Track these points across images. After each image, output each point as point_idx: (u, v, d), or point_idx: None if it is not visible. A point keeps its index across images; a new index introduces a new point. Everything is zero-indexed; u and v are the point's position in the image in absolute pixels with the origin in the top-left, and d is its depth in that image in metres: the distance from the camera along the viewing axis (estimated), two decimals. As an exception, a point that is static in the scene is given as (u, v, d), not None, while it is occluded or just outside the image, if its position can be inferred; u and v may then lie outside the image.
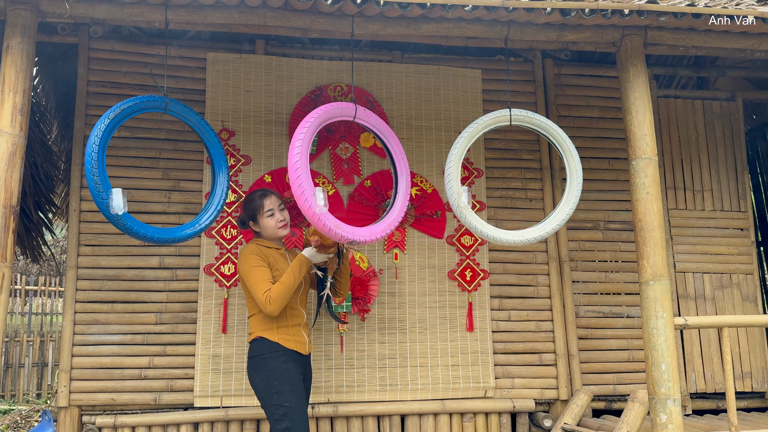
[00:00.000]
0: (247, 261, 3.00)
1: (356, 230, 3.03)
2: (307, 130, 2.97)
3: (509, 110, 3.35)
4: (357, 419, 3.98)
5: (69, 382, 3.80)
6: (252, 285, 2.94)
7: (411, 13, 3.04)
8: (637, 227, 3.20)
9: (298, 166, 2.81)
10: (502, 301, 4.28)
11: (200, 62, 4.19)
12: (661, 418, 3.01)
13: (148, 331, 3.92)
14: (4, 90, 2.87)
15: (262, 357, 2.95)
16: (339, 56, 4.36)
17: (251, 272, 2.96)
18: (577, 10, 3.05)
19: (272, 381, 2.90)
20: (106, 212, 2.94)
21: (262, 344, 2.99)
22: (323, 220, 2.85)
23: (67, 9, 2.94)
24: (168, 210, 4.03)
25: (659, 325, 3.07)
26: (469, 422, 4.09)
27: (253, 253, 3.04)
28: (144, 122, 4.05)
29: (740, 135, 4.86)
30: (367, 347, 4.07)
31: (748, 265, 4.66)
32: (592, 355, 4.33)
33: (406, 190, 3.31)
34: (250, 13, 3.06)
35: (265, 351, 2.97)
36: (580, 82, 4.65)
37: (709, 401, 4.46)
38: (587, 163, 4.47)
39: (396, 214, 3.25)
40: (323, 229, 2.88)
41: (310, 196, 2.81)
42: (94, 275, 3.92)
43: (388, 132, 3.35)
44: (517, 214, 4.39)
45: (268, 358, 2.94)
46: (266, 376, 2.92)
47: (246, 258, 3.02)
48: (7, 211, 2.80)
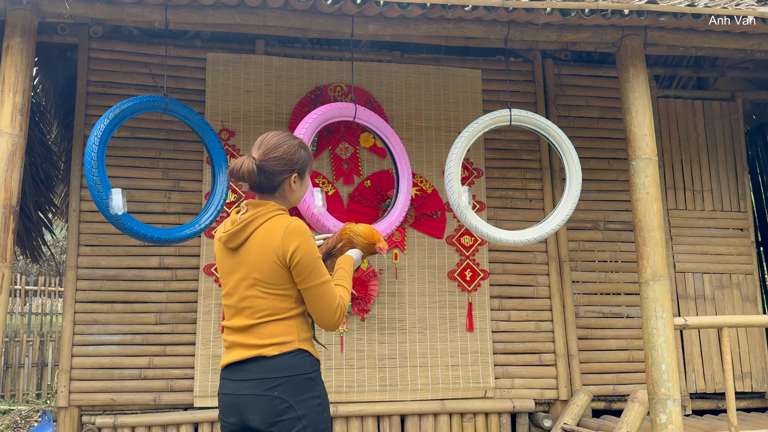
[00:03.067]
0: (314, 247, 2.02)
1: None
2: (305, 132, 3.00)
3: (509, 110, 3.35)
4: (357, 419, 3.98)
5: (69, 382, 3.80)
6: (322, 286, 2.02)
7: (411, 13, 3.04)
8: (637, 227, 3.20)
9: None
10: (501, 301, 4.28)
11: (200, 62, 4.19)
12: (660, 418, 3.00)
13: (147, 331, 3.92)
14: (4, 90, 2.88)
15: (309, 378, 2.02)
16: (339, 56, 4.36)
17: (320, 266, 2.02)
18: (577, 11, 3.05)
19: (323, 411, 2.03)
20: (105, 212, 2.94)
21: (306, 360, 2.03)
22: (322, 220, 2.89)
23: (67, 9, 2.94)
24: (168, 210, 4.03)
25: (659, 326, 3.07)
26: (469, 422, 4.09)
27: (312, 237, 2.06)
28: (144, 122, 4.05)
29: (740, 135, 4.86)
30: (366, 347, 4.07)
31: (748, 265, 4.66)
32: (592, 356, 4.33)
33: (408, 191, 3.31)
34: (250, 13, 3.06)
35: (310, 369, 2.03)
36: (580, 82, 4.65)
37: (709, 401, 4.46)
38: (587, 163, 4.47)
39: (397, 215, 3.26)
40: (322, 229, 2.90)
41: (309, 197, 2.85)
42: (94, 275, 3.92)
43: (389, 132, 3.35)
44: (517, 214, 4.39)
45: (316, 378, 2.04)
46: (317, 404, 2.02)
47: (312, 241, 2.02)
48: (7, 211, 2.80)
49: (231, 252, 2.08)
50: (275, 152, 2.01)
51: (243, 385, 1.99)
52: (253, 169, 1.97)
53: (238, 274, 2.06)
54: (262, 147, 2.02)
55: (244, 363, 2.02)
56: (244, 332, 2.05)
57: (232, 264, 2.08)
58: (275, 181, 2.03)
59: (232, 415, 2.01)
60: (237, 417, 2.00)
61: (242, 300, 2.06)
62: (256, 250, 2.02)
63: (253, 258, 2.02)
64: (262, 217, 2.02)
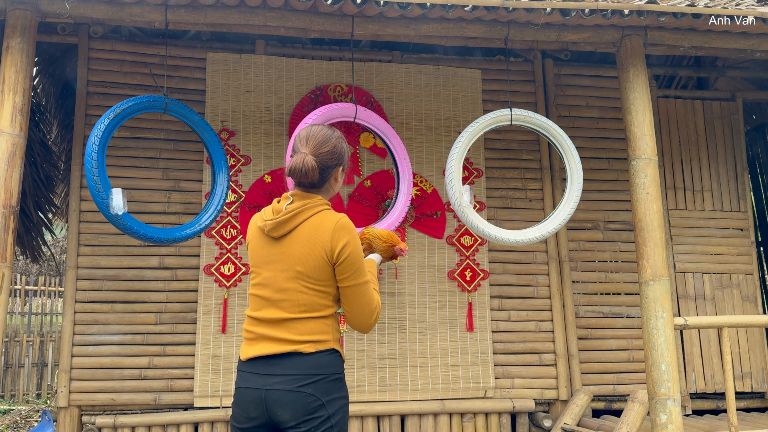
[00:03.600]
0: (360, 247, 2.01)
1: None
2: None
3: (509, 110, 3.35)
4: (357, 419, 3.98)
5: (69, 382, 3.80)
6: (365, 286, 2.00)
7: (411, 13, 3.04)
8: (637, 227, 3.20)
9: None
10: (501, 301, 4.28)
11: (200, 62, 4.19)
12: (660, 418, 3.00)
13: (148, 331, 3.92)
14: (4, 90, 2.88)
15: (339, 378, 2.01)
16: (339, 56, 4.36)
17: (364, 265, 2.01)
18: (577, 11, 3.05)
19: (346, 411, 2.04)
20: (106, 212, 2.94)
21: (338, 359, 2.01)
22: None
23: (67, 9, 2.94)
24: (168, 210, 4.03)
25: (659, 325, 3.07)
26: (469, 422, 4.09)
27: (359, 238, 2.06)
28: (144, 122, 4.05)
29: (740, 135, 4.86)
30: (367, 347, 4.07)
31: (748, 265, 4.66)
32: (592, 356, 4.33)
33: (408, 191, 3.32)
34: (250, 13, 3.06)
35: (341, 369, 2.03)
36: (580, 82, 4.65)
37: (709, 401, 4.46)
38: (587, 163, 4.47)
39: (396, 215, 3.26)
40: None
41: None
42: (94, 275, 3.92)
43: (390, 132, 3.36)
44: (517, 214, 4.39)
45: (343, 379, 2.04)
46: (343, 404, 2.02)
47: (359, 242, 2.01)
48: (7, 211, 2.80)
49: (272, 241, 2.00)
50: (326, 146, 1.97)
51: (274, 380, 1.93)
52: (315, 166, 1.92)
53: (279, 265, 1.98)
54: (311, 141, 1.96)
55: (276, 357, 1.95)
56: (276, 325, 1.97)
57: (272, 254, 2.00)
58: (327, 174, 1.99)
59: (256, 409, 1.93)
60: (261, 411, 1.93)
61: (279, 292, 1.98)
62: (302, 242, 1.96)
63: (298, 250, 1.96)
64: (311, 210, 1.97)
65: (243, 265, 4.00)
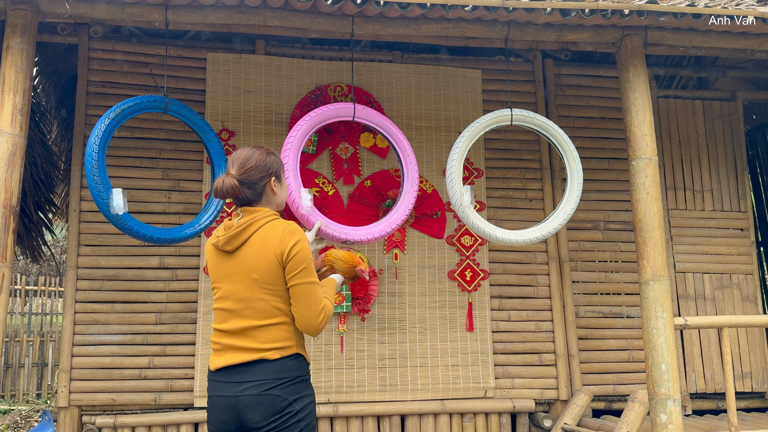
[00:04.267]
0: (309, 250, 2.12)
1: (350, 230, 3.08)
2: (298, 134, 3.08)
3: (510, 110, 3.35)
4: (357, 419, 3.98)
5: (69, 382, 3.80)
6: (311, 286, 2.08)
7: (411, 13, 3.04)
8: (637, 227, 3.20)
9: (287, 170, 2.97)
10: (502, 301, 4.28)
11: (200, 62, 4.19)
12: (661, 418, 3.00)
13: (148, 331, 3.92)
14: (4, 90, 2.88)
15: (304, 379, 2.14)
16: (339, 56, 4.36)
17: (312, 267, 2.10)
18: (577, 11, 3.05)
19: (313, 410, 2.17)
20: (106, 212, 2.94)
21: (303, 363, 2.14)
22: (312, 219, 2.96)
23: (67, 9, 2.94)
24: (168, 210, 4.03)
25: (659, 326, 3.07)
26: (469, 422, 4.09)
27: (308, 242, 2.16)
28: (144, 122, 4.05)
29: (740, 135, 4.86)
30: (367, 347, 4.07)
31: (748, 265, 4.66)
32: (592, 356, 4.33)
33: (413, 186, 3.27)
34: (250, 13, 3.06)
35: (305, 372, 2.16)
36: (580, 82, 4.65)
37: (709, 401, 4.46)
38: (587, 163, 4.47)
39: (398, 214, 3.24)
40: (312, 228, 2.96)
41: (297, 198, 2.92)
42: (94, 275, 3.92)
43: (392, 128, 3.33)
44: (517, 214, 4.39)
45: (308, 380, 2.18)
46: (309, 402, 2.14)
47: (307, 243, 2.11)
48: (7, 211, 2.80)
49: (226, 256, 2.13)
50: (248, 164, 2.10)
51: (242, 386, 2.04)
52: (235, 183, 2.06)
53: (236, 276, 2.10)
54: (236, 163, 2.10)
55: (243, 366, 2.06)
56: (240, 335, 2.08)
57: (229, 267, 2.12)
58: (258, 188, 2.11)
59: (228, 416, 2.05)
60: (234, 417, 2.04)
61: (239, 302, 2.09)
62: (255, 251, 2.07)
63: (252, 259, 2.07)
64: (260, 221, 2.09)
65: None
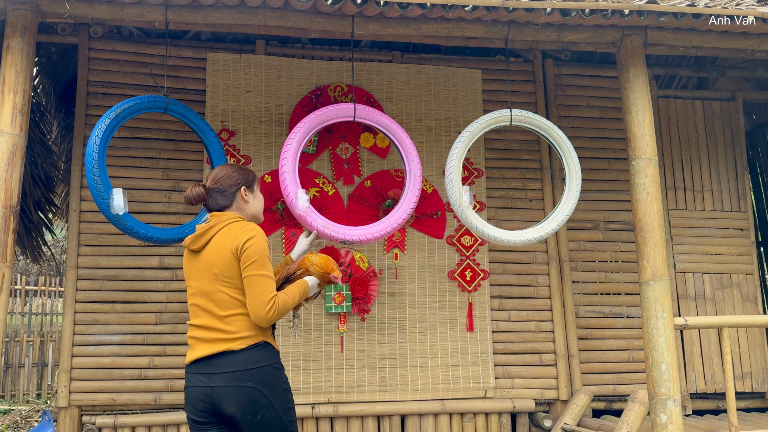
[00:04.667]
0: (264, 245, 2.30)
1: (348, 230, 3.08)
2: (297, 136, 3.10)
3: (509, 110, 3.35)
4: (357, 419, 3.98)
5: (69, 382, 3.80)
6: (261, 278, 2.25)
7: (411, 13, 3.04)
8: (637, 227, 3.20)
9: (285, 170, 3.00)
10: (502, 302, 4.28)
11: (200, 62, 4.19)
12: (661, 418, 3.01)
13: (148, 331, 3.92)
14: (4, 90, 2.87)
15: (274, 367, 2.32)
16: (339, 56, 4.36)
17: (265, 262, 2.28)
18: (577, 11, 3.05)
19: (288, 396, 2.34)
20: (106, 212, 2.94)
21: (270, 351, 2.32)
22: (309, 220, 2.96)
23: (67, 9, 2.94)
24: (168, 210, 4.03)
25: (659, 326, 3.07)
26: (469, 422, 4.09)
27: (266, 241, 2.36)
28: (144, 122, 4.05)
29: (740, 135, 4.86)
30: (367, 347, 4.07)
31: (748, 265, 4.66)
32: (592, 356, 4.33)
33: (415, 187, 3.25)
34: (250, 13, 3.06)
35: (275, 360, 2.33)
36: (580, 82, 4.65)
37: (709, 401, 4.46)
38: (587, 164, 4.47)
39: (399, 213, 3.22)
40: (310, 228, 2.96)
41: (294, 199, 2.93)
42: (94, 275, 3.92)
43: (393, 126, 3.30)
44: (517, 214, 4.39)
45: (279, 368, 2.35)
46: (283, 389, 2.32)
47: (263, 240, 2.31)
48: (7, 211, 2.80)
49: (195, 255, 2.36)
50: (220, 174, 2.40)
51: (215, 378, 2.22)
52: (201, 192, 2.36)
53: (201, 273, 2.32)
54: (210, 177, 2.41)
55: (212, 358, 2.24)
56: (208, 329, 2.28)
57: (196, 265, 2.35)
58: (227, 194, 2.39)
59: (202, 403, 2.23)
60: (208, 404, 2.23)
61: (204, 296, 2.30)
62: (216, 248, 2.30)
63: (213, 255, 2.30)
64: (222, 222, 2.33)
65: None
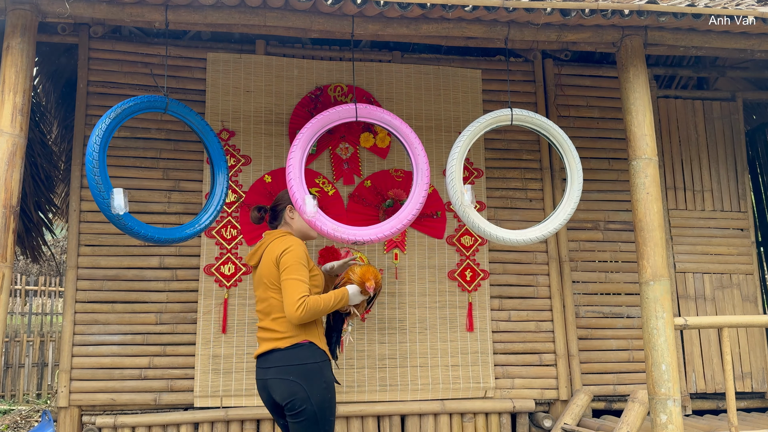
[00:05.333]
0: (299, 254, 2.68)
1: (358, 230, 3.04)
2: (300, 142, 3.10)
3: (510, 110, 3.35)
4: (357, 419, 3.98)
5: (69, 382, 3.80)
6: (292, 281, 2.61)
7: (411, 14, 3.04)
8: (637, 227, 3.20)
9: (292, 177, 3.02)
10: (502, 302, 4.28)
11: (200, 62, 4.19)
12: (661, 418, 3.01)
13: (148, 331, 3.92)
14: (4, 90, 2.87)
15: (316, 365, 2.62)
16: (339, 56, 4.36)
17: (298, 268, 2.64)
18: (577, 11, 3.05)
19: (327, 394, 2.60)
20: (107, 212, 2.94)
21: (314, 350, 2.65)
22: (318, 225, 2.94)
23: (67, 9, 2.94)
24: (168, 210, 4.03)
25: (659, 326, 3.07)
26: (469, 422, 4.09)
27: (304, 251, 2.74)
28: (144, 122, 4.05)
29: (740, 135, 4.86)
30: (367, 347, 4.07)
31: (748, 265, 4.66)
32: (592, 356, 4.33)
33: (423, 182, 3.20)
34: (250, 13, 3.06)
35: (318, 359, 2.64)
36: (580, 82, 4.65)
37: (709, 401, 4.46)
38: (587, 164, 4.47)
39: (408, 210, 3.16)
40: (319, 232, 2.95)
41: (302, 204, 2.93)
42: (94, 275, 3.92)
43: (396, 122, 3.24)
44: (517, 214, 4.39)
45: (323, 367, 2.64)
46: (323, 388, 2.60)
47: (299, 250, 2.69)
48: (7, 211, 2.80)
49: (255, 269, 2.84)
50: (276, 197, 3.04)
51: (268, 371, 2.66)
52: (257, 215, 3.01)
53: (259, 283, 2.79)
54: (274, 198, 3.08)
55: (267, 354, 2.69)
56: (265, 330, 2.73)
57: (256, 277, 2.84)
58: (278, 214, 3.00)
59: (264, 392, 2.72)
60: (267, 394, 2.70)
61: (262, 302, 2.78)
62: (265, 261, 2.77)
63: (264, 267, 2.76)
64: (271, 238, 2.82)
65: (243, 265, 4.00)
